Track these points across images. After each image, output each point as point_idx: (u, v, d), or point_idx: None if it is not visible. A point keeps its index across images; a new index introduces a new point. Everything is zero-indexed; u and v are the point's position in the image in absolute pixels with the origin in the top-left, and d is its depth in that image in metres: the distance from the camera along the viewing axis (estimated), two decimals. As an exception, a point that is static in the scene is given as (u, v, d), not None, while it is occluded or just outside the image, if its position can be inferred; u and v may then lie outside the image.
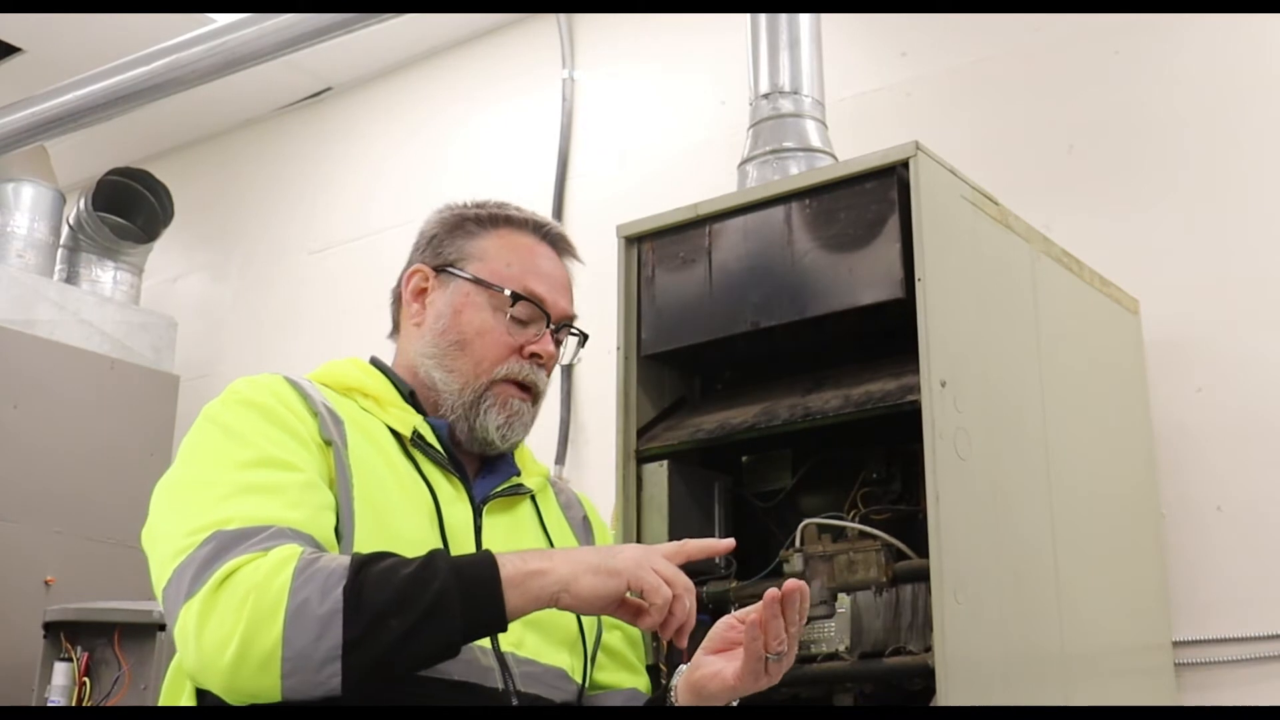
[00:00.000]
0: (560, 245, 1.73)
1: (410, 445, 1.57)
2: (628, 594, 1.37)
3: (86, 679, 3.43)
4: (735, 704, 1.57)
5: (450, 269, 1.67)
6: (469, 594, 1.32)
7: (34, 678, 3.55)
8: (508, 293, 1.63)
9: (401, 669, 1.33)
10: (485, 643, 1.47)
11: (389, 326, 1.76)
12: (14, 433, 4.16)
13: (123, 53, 4.02)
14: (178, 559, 1.35)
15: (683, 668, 1.57)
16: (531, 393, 1.65)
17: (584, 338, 1.75)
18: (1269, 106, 3.02)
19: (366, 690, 1.32)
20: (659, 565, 1.37)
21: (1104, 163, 3.20)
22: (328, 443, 1.48)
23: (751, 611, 1.48)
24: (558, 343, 1.69)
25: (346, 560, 1.32)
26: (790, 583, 1.44)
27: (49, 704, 3.43)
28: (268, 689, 1.29)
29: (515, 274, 1.65)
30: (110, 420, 4.43)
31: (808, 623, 2.22)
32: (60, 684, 3.45)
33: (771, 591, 1.44)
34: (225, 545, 1.33)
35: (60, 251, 4.86)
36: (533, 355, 1.64)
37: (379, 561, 1.33)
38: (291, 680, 1.28)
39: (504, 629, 1.36)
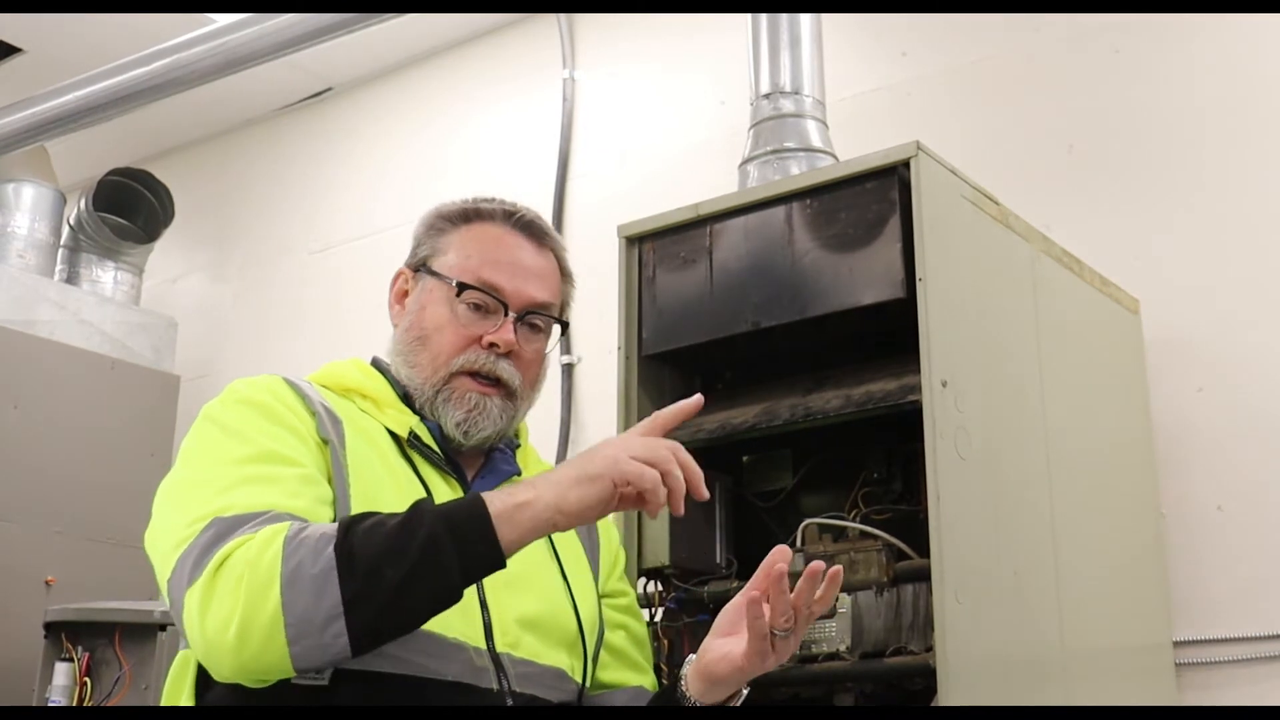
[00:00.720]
0: (532, 231, 1.69)
1: (407, 446, 1.57)
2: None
3: (87, 679, 3.43)
4: (745, 691, 1.56)
5: (422, 268, 1.67)
6: (459, 533, 1.31)
7: (34, 678, 3.55)
8: (455, 283, 1.62)
9: (405, 619, 1.32)
10: (481, 643, 1.46)
11: (390, 327, 1.76)
12: (14, 433, 4.16)
13: (123, 53, 4.02)
14: (179, 549, 1.36)
15: (692, 657, 1.56)
16: (500, 386, 1.62)
17: (564, 326, 1.72)
18: (1270, 106, 3.02)
19: (359, 688, 1.32)
20: (635, 450, 1.36)
21: (1105, 162, 3.20)
22: (325, 442, 1.48)
23: (752, 587, 1.46)
24: (533, 330, 1.67)
25: (335, 524, 1.33)
26: (817, 564, 1.42)
27: (49, 704, 3.43)
28: (276, 661, 1.28)
29: (473, 265, 1.63)
30: (111, 420, 4.43)
31: (808, 622, 2.24)
32: (61, 684, 3.44)
33: (780, 567, 1.42)
34: (224, 531, 1.34)
35: (61, 252, 4.86)
36: (491, 345, 1.61)
37: (367, 518, 1.33)
38: (298, 647, 1.27)
39: (502, 565, 1.35)
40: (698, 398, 1.49)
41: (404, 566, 1.29)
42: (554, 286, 1.69)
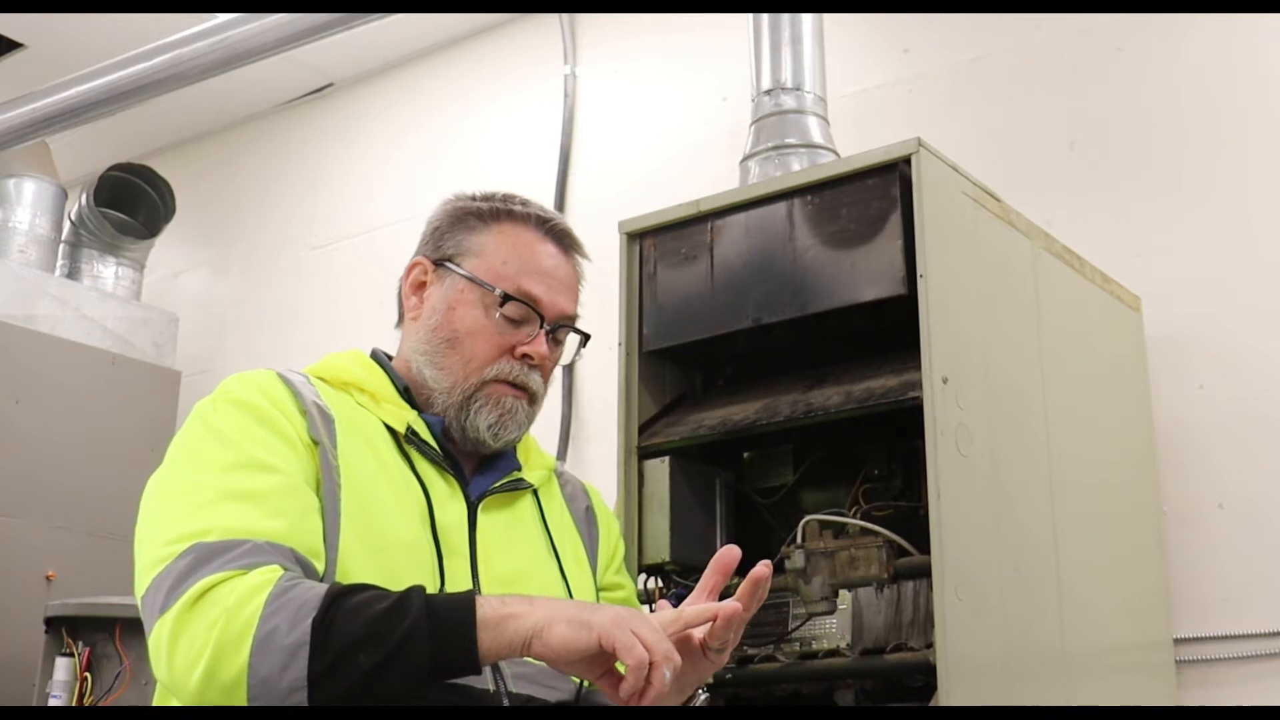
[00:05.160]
0: (565, 241, 1.67)
1: (405, 442, 1.55)
2: (618, 666, 1.31)
3: (88, 674, 3.43)
4: (703, 694, 1.53)
5: (448, 264, 1.63)
6: (439, 634, 1.28)
7: (35, 673, 3.56)
8: (498, 292, 1.59)
9: (371, 703, 1.29)
10: None
11: (390, 321, 1.74)
12: (15, 428, 4.16)
13: (124, 48, 4.02)
14: (156, 568, 1.34)
15: None
16: (526, 392, 1.61)
17: (585, 337, 1.71)
18: (1270, 104, 3.02)
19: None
20: (641, 629, 1.29)
21: (1105, 159, 3.20)
22: (315, 443, 1.46)
23: (702, 612, 1.41)
24: (557, 342, 1.65)
25: (322, 590, 1.30)
26: (759, 570, 1.38)
27: (50, 699, 3.43)
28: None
29: (511, 272, 1.61)
30: (112, 416, 4.43)
31: (809, 619, 2.24)
32: (61, 679, 3.45)
33: (728, 608, 1.38)
34: (203, 558, 1.32)
35: (62, 247, 4.86)
36: (524, 356, 1.60)
37: (354, 595, 1.31)
38: (258, 704, 1.27)
39: (477, 671, 1.32)
40: (735, 606, 1.39)
41: (377, 656, 1.27)
42: (578, 296, 1.68)
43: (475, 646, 1.29)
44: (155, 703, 1.46)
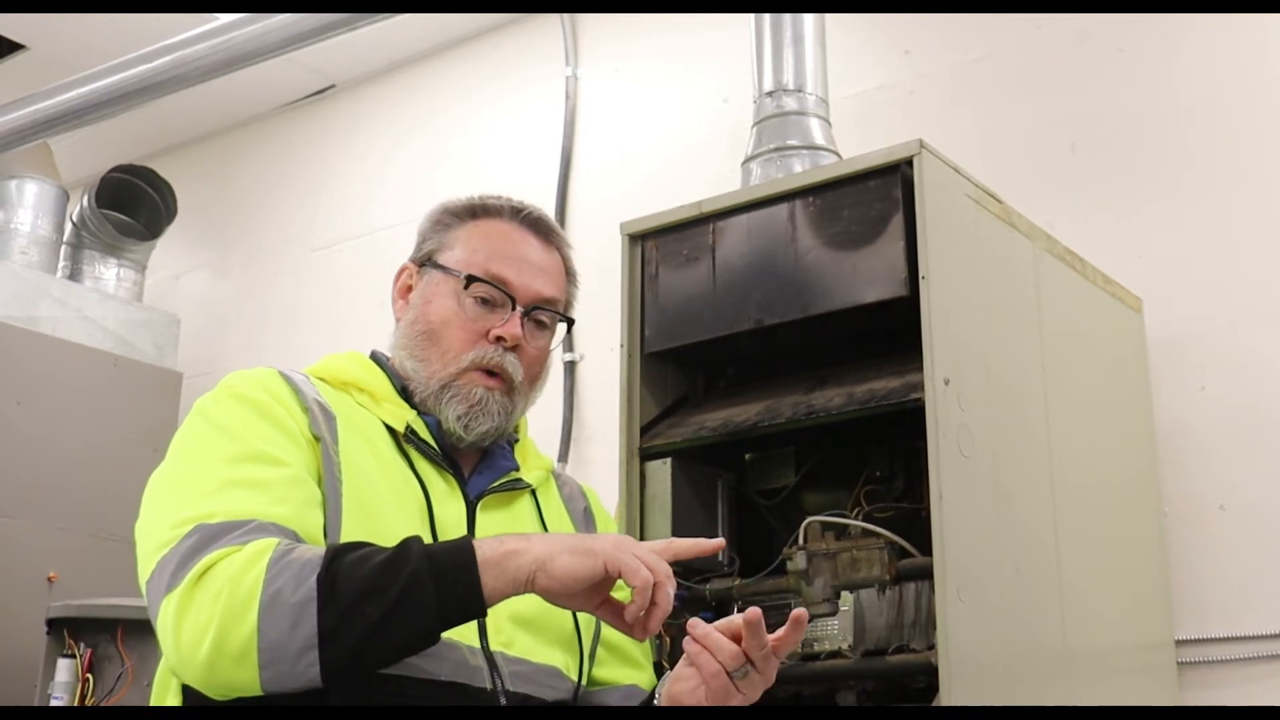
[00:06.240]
0: (539, 228, 1.68)
1: (404, 441, 1.56)
2: (612, 594, 1.34)
3: (89, 675, 3.43)
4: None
5: (428, 262, 1.66)
6: (443, 577, 1.29)
7: (37, 674, 3.56)
8: (463, 275, 1.61)
9: (380, 657, 1.31)
10: (474, 642, 1.45)
11: (391, 323, 1.75)
12: (17, 429, 4.17)
13: (126, 50, 4.02)
14: (160, 552, 1.34)
15: (669, 674, 1.54)
16: (503, 380, 1.60)
17: (569, 322, 1.70)
18: (1272, 104, 3.02)
19: (352, 689, 1.31)
20: (640, 551, 1.33)
21: (1107, 161, 3.20)
22: (317, 439, 1.47)
23: (723, 625, 1.43)
24: (539, 325, 1.65)
25: (322, 550, 1.31)
26: (751, 611, 1.39)
27: (52, 700, 3.43)
28: (246, 681, 1.27)
29: (480, 259, 1.62)
30: (113, 417, 4.44)
31: (810, 620, 2.24)
32: (63, 680, 3.44)
33: (693, 622, 1.39)
34: (207, 539, 1.32)
35: (63, 248, 4.87)
36: (499, 339, 1.60)
37: (354, 550, 1.32)
38: (269, 672, 1.26)
39: (483, 613, 1.33)
40: (719, 541, 1.45)
41: (383, 605, 1.27)
42: (560, 283, 1.68)
43: (479, 586, 1.30)
44: (153, 698, 1.46)
